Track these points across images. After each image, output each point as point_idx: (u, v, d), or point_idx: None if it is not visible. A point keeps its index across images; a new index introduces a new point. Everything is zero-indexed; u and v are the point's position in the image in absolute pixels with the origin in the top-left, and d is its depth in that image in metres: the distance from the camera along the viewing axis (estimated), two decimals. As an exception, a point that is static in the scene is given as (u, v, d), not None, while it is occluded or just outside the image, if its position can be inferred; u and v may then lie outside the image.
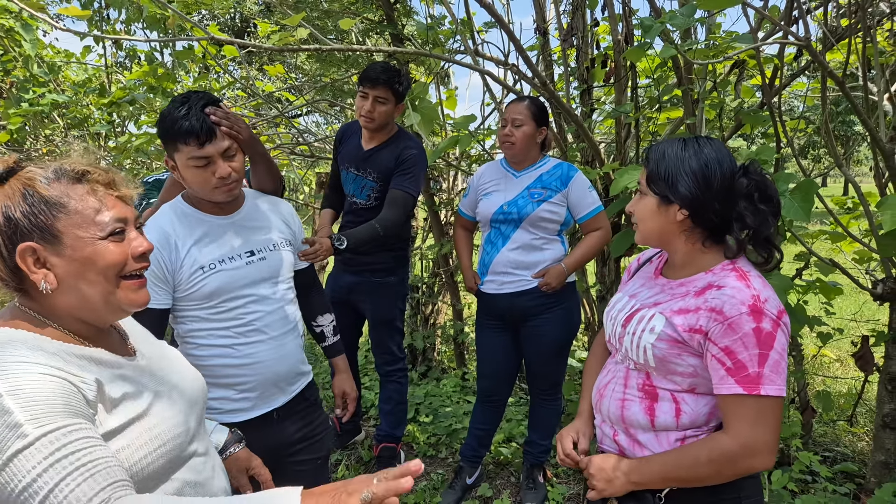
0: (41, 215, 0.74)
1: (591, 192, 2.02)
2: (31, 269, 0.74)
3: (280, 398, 1.39)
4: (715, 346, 0.96)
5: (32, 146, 5.02)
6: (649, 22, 1.54)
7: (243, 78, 3.49)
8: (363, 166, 2.21)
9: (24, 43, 3.45)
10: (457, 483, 2.27)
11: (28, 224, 0.73)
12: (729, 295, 0.96)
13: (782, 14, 1.90)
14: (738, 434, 0.95)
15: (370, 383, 3.37)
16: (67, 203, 0.75)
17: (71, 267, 0.76)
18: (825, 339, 2.23)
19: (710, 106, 2.19)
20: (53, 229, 0.75)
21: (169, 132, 1.20)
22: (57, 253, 0.75)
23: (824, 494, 2.09)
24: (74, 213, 0.76)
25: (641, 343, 1.04)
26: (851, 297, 4.64)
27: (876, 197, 2.01)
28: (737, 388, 0.94)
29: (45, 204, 0.74)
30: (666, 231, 1.05)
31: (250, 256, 1.33)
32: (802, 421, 2.45)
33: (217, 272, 1.28)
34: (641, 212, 1.07)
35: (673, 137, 1.08)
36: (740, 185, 1.01)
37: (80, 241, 0.76)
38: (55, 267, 0.75)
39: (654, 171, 1.03)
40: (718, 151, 1.01)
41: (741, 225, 1.01)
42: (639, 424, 1.07)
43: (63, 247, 0.75)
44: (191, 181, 1.25)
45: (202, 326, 1.30)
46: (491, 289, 2.09)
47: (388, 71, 2.07)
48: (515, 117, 1.97)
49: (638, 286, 1.16)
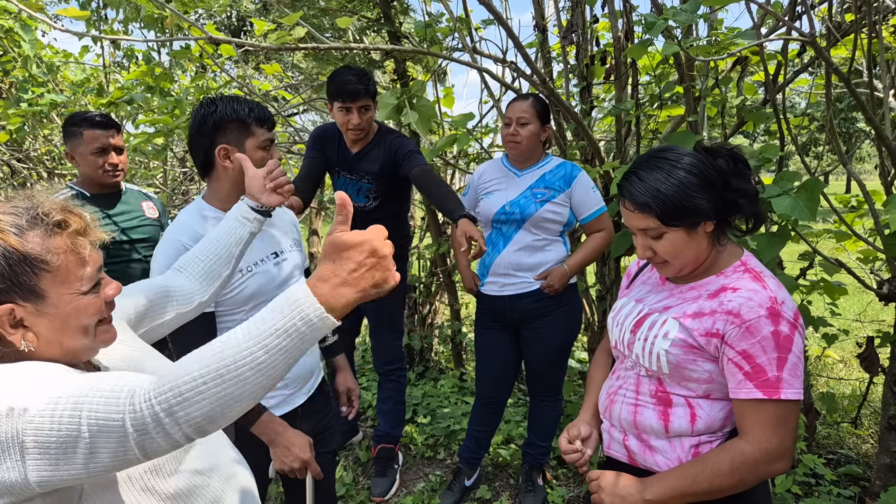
0: (24, 275, 0.68)
1: (594, 192, 1.98)
2: (7, 331, 0.70)
3: (301, 396, 1.43)
4: (732, 349, 0.94)
5: (31, 146, 5.02)
6: (652, 19, 1.51)
7: (240, 77, 3.47)
8: (356, 170, 2.19)
9: (23, 43, 3.45)
10: (455, 485, 2.25)
11: (8, 285, 0.68)
12: (746, 297, 0.94)
13: (785, 9, 1.87)
14: (759, 440, 0.92)
15: (368, 383, 3.35)
16: (50, 260, 0.70)
17: (53, 324, 0.72)
18: (830, 340, 2.20)
19: (712, 103, 2.15)
20: (37, 288, 0.70)
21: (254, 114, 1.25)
22: (38, 312, 0.71)
23: (828, 497, 2.06)
24: (57, 271, 0.71)
25: (654, 349, 1.01)
26: (856, 297, 4.61)
27: (880, 195, 1.98)
28: (756, 393, 0.92)
29: (27, 262, 0.69)
30: (701, 249, 1.01)
31: (276, 258, 1.37)
32: (806, 423, 2.42)
33: (254, 274, 1.31)
34: (671, 249, 1.00)
35: (638, 166, 1.02)
36: (722, 166, 0.99)
37: (63, 299, 0.72)
38: (35, 325, 0.71)
39: (664, 211, 0.96)
40: (681, 152, 1.00)
41: (748, 199, 0.99)
42: (652, 430, 1.04)
43: (46, 305, 0.71)
44: (258, 162, 1.25)
45: None
46: (492, 291, 2.06)
47: (361, 78, 1.99)
48: (520, 116, 1.94)
49: (645, 291, 1.13)
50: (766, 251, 1.53)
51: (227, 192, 1.30)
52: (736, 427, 1.00)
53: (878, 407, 2.69)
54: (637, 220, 1.01)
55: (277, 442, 1.26)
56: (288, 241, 1.43)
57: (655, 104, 2.39)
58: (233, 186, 1.29)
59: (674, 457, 1.02)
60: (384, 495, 2.30)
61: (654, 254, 1.02)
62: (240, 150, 1.25)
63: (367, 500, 2.30)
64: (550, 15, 2.78)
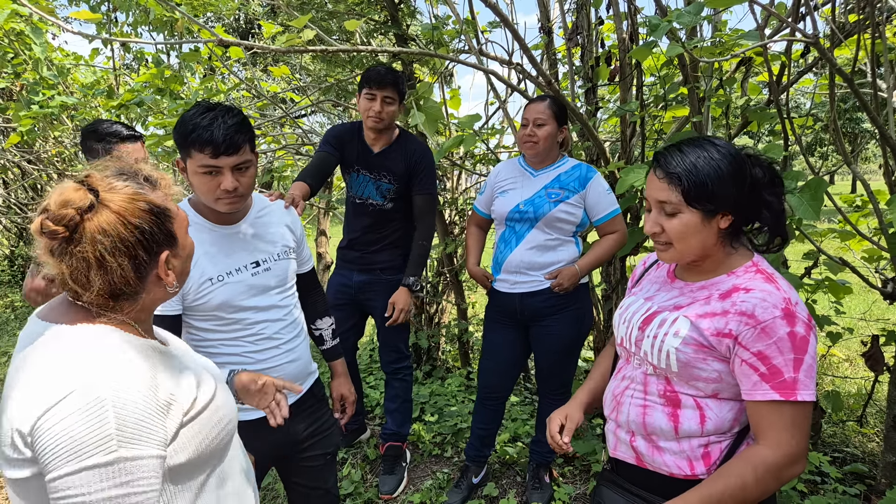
0: (166, 223, 0.80)
1: (608, 194, 2.00)
2: (167, 273, 0.80)
3: (290, 397, 1.40)
4: (747, 350, 0.93)
5: (42, 148, 5.08)
6: (656, 21, 1.53)
7: (248, 79, 3.51)
8: (376, 169, 2.22)
9: (34, 46, 3.49)
10: (462, 483, 2.27)
11: (160, 233, 0.79)
12: (760, 298, 0.93)
13: (789, 10, 1.89)
14: (779, 444, 0.91)
15: (375, 382, 3.38)
16: (169, 207, 0.81)
17: (182, 264, 0.85)
18: (835, 339, 2.21)
19: (717, 104, 2.17)
20: (173, 233, 0.81)
21: (187, 137, 1.18)
22: (174, 254, 0.82)
23: (834, 496, 2.07)
24: (174, 216, 0.82)
25: (664, 347, 1.01)
26: (861, 295, 4.60)
27: (885, 194, 1.99)
28: (773, 395, 0.91)
29: (162, 213, 0.79)
30: (709, 243, 1.00)
31: (255, 267, 1.33)
32: (812, 421, 2.43)
33: (224, 284, 1.28)
34: (679, 231, 0.99)
35: (682, 142, 1.01)
36: (758, 175, 0.99)
37: (185, 240, 0.85)
38: (174, 267, 0.83)
39: (692, 187, 0.95)
40: (730, 145, 1.00)
41: (771, 213, 1.00)
42: (661, 431, 1.03)
43: (178, 248, 0.83)
44: (197, 187, 1.24)
45: (213, 336, 1.31)
46: (503, 287, 2.09)
47: (392, 72, 2.12)
48: (538, 117, 1.96)
49: (654, 289, 1.13)
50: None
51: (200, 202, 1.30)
52: (744, 427, 1.00)
53: (883, 405, 2.70)
54: (660, 191, 0.99)
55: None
56: (276, 250, 1.38)
57: (660, 105, 2.41)
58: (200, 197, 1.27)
59: (683, 456, 1.02)
60: (392, 493, 2.33)
61: (661, 231, 1.01)
62: (189, 168, 1.23)
63: (376, 498, 2.32)
64: (556, 17, 2.80)
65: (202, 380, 0.84)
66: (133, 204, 0.76)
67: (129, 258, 0.75)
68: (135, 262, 0.76)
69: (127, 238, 0.74)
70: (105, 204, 0.74)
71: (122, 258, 0.74)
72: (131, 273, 0.75)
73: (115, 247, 0.73)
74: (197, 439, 0.78)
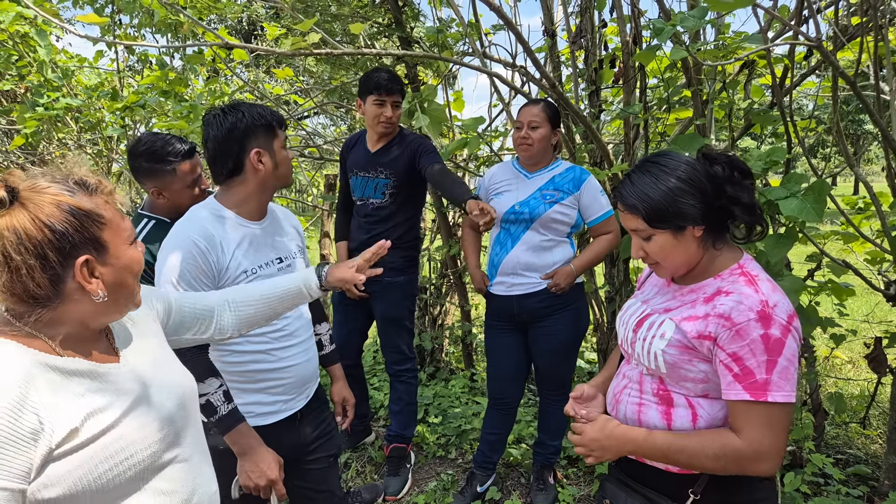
0: (91, 228, 0.76)
1: (602, 195, 2.03)
2: (87, 280, 0.76)
3: (301, 401, 1.43)
4: (723, 351, 0.96)
5: (45, 149, 5.09)
6: (660, 24, 1.54)
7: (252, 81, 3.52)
8: (372, 167, 2.26)
9: (38, 48, 3.51)
10: (467, 490, 2.27)
11: (78, 236, 0.75)
12: (737, 301, 0.96)
13: (792, 13, 1.89)
14: (751, 439, 0.94)
15: (379, 384, 3.38)
16: (103, 213, 0.78)
17: (115, 275, 0.80)
18: (838, 341, 2.21)
19: (720, 106, 2.18)
20: (101, 240, 0.78)
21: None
22: (103, 262, 0.79)
23: (837, 497, 2.07)
24: (110, 223, 0.79)
25: (652, 349, 1.05)
26: (864, 298, 4.60)
27: (888, 197, 2.00)
28: (744, 395, 0.94)
29: (87, 217, 0.76)
30: (690, 253, 1.03)
31: (279, 263, 1.37)
32: (815, 423, 2.44)
33: (257, 277, 1.30)
34: (659, 251, 1.04)
35: (634, 169, 1.06)
36: (718, 173, 1.01)
37: (120, 248, 0.81)
38: (103, 276, 0.79)
39: (649, 214, 1.01)
40: (678, 158, 1.02)
41: (741, 207, 1.01)
42: (655, 429, 1.07)
43: (109, 255, 0.79)
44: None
45: None
46: (500, 291, 2.10)
47: (395, 76, 2.18)
48: (532, 120, 1.99)
49: (653, 292, 1.17)
50: (773, 252, 1.55)
51: (249, 195, 1.32)
52: None
53: (886, 407, 2.70)
54: (628, 221, 1.05)
55: (249, 456, 1.21)
56: (292, 248, 1.44)
57: (664, 107, 2.42)
58: (257, 189, 1.31)
59: None
60: (397, 494, 2.34)
61: (645, 254, 1.07)
62: (268, 151, 1.30)
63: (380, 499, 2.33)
64: (560, 20, 2.81)
65: (109, 406, 0.78)
66: (51, 204, 0.73)
67: (37, 258, 0.72)
68: (44, 263, 0.72)
69: (34, 236, 0.71)
70: (22, 202, 0.73)
71: (28, 256, 0.71)
72: (40, 274, 0.72)
73: (21, 244, 0.71)
74: (76, 474, 0.72)
